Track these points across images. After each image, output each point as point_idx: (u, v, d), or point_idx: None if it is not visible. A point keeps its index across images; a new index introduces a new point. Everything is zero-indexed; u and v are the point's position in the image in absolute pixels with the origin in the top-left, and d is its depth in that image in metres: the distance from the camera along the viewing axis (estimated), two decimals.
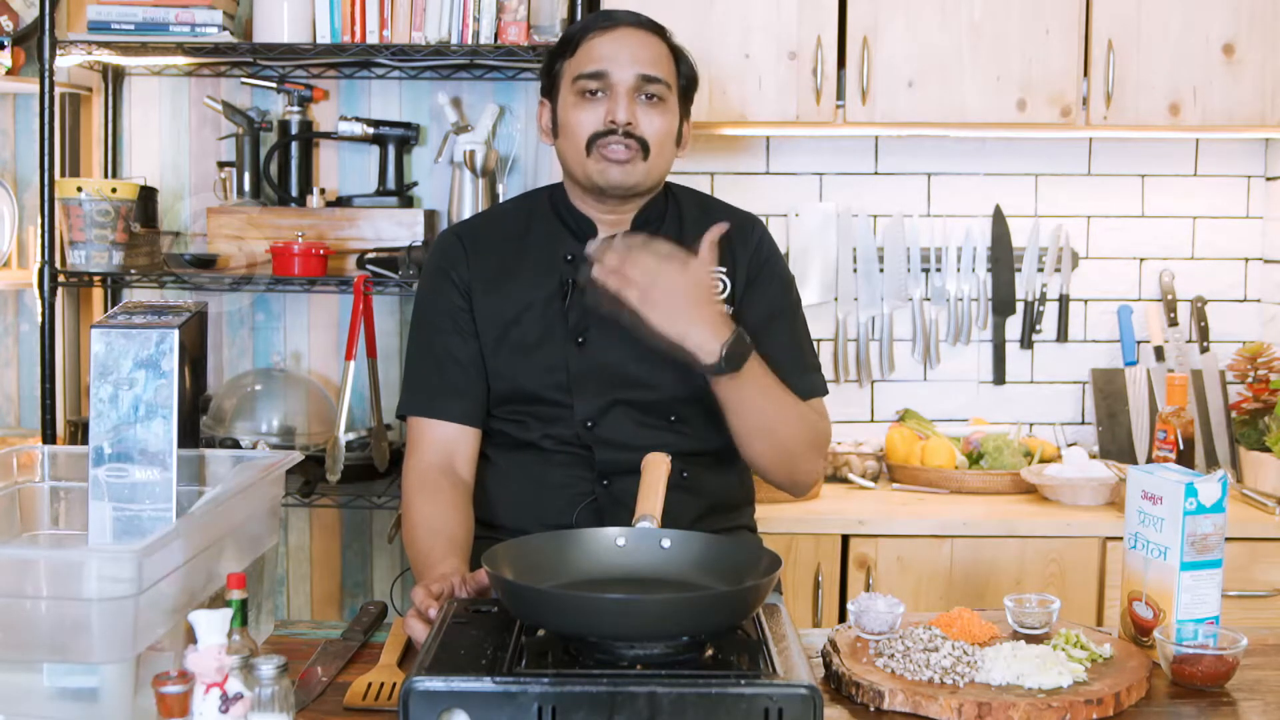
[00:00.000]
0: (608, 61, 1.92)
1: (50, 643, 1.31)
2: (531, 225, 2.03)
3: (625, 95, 1.91)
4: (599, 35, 1.94)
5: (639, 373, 1.94)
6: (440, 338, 2.00)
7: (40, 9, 2.85)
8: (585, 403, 1.94)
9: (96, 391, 1.51)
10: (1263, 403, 3.05)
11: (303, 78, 3.18)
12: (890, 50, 2.90)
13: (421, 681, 1.28)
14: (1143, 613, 1.66)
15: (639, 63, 1.92)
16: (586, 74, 1.92)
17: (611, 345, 1.93)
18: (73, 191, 2.88)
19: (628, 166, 1.92)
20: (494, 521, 1.98)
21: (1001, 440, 3.05)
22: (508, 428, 1.99)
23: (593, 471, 1.94)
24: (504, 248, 2.01)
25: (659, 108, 1.93)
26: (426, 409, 1.98)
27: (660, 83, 1.93)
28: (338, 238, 3.04)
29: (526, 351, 1.96)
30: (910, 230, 3.27)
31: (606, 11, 2.01)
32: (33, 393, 3.20)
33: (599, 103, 1.92)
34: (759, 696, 1.28)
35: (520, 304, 1.97)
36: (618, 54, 1.92)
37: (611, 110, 1.91)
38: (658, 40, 1.96)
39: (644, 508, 1.59)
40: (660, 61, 1.95)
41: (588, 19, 2.00)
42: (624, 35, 1.94)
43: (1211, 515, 1.62)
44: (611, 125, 1.90)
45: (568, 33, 2.00)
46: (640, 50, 1.93)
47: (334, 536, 3.28)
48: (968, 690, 1.45)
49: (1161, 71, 2.90)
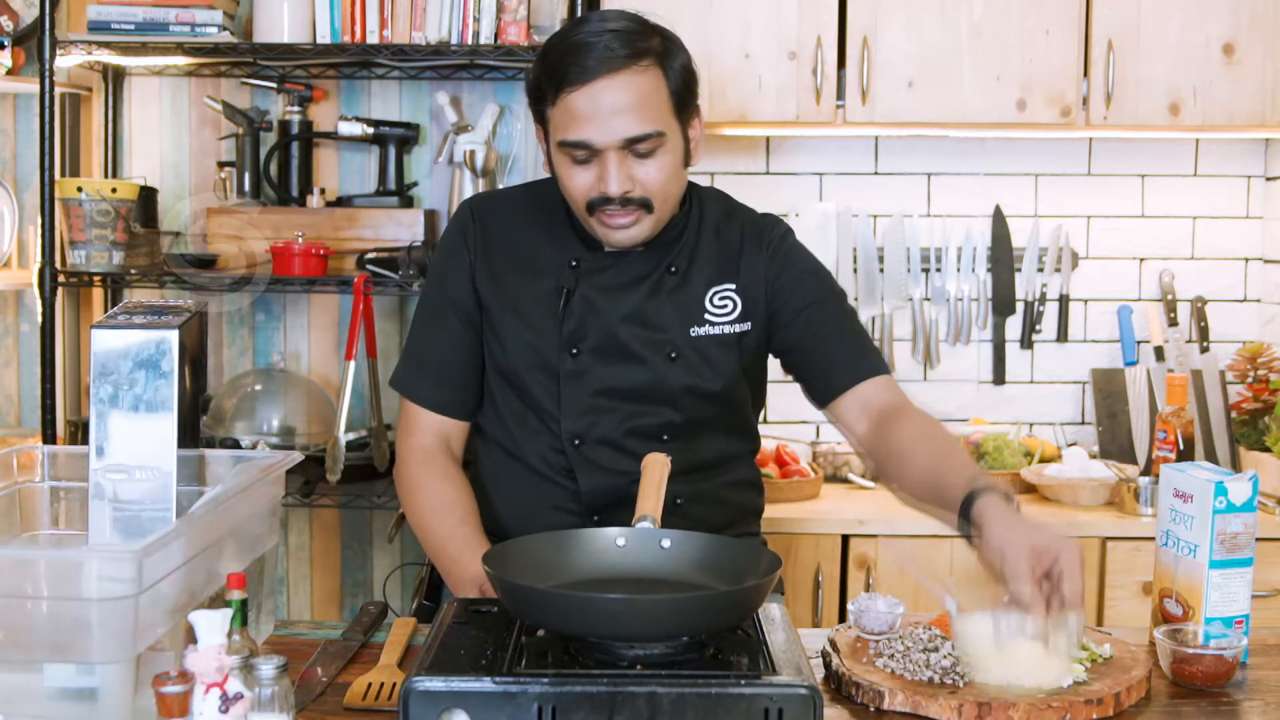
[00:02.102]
0: (587, 128, 1.76)
1: (50, 643, 1.31)
2: (546, 216, 1.97)
3: (615, 161, 1.77)
4: (574, 91, 1.75)
5: (633, 391, 1.89)
6: (438, 319, 1.97)
7: (40, 9, 2.85)
8: (573, 419, 1.89)
9: (96, 391, 1.51)
10: (1263, 403, 3.05)
11: (303, 78, 3.18)
12: (890, 50, 2.90)
13: (421, 681, 1.28)
14: (1173, 610, 1.66)
15: (620, 125, 1.75)
16: (570, 143, 1.78)
17: (606, 362, 1.89)
18: (73, 191, 2.88)
19: (634, 229, 1.83)
20: (493, 529, 1.97)
21: (1001, 440, 3.05)
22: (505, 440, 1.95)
23: (579, 504, 1.90)
24: (517, 233, 1.97)
25: (654, 158, 1.79)
26: (414, 392, 1.97)
27: (649, 137, 1.77)
28: (338, 238, 3.04)
29: (523, 343, 1.91)
30: (910, 230, 3.27)
31: (579, 52, 1.76)
32: (33, 393, 3.20)
33: (589, 167, 1.79)
34: (759, 696, 1.28)
35: (521, 296, 1.93)
36: (597, 117, 1.75)
37: (604, 181, 1.78)
38: (640, 75, 1.76)
39: (644, 508, 1.58)
40: (645, 106, 1.76)
41: (560, 59, 1.78)
42: (600, 91, 1.75)
43: (1242, 514, 1.63)
44: (604, 195, 1.79)
45: (543, 76, 1.80)
46: (620, 104, 1.75)
47: (334, 536, 3.28)
48: (968, 690, 1.45)
49: (1161, 71, 2.90)
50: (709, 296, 1.92)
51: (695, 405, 1.90)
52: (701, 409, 1.91)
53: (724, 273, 1.93)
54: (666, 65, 1.80)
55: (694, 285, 1.92)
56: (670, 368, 1.89)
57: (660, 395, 1.89)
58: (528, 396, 1.92)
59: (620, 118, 1.76)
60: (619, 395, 1.89)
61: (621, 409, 1.89)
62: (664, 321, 1.89)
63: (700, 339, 1.90)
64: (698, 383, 1.89)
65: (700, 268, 1.93)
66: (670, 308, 1.90)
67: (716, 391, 1.91)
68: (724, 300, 1.92)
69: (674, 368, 1.89)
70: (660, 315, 1.90)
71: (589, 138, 1.77)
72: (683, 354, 1.89)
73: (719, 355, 1.91)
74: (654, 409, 1.90)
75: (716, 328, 1.91)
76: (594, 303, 1.89)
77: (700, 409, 1.91)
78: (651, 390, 1.89)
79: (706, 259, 1.93)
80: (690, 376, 1.89)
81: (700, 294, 1.91)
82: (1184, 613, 1.65)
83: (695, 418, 1.91)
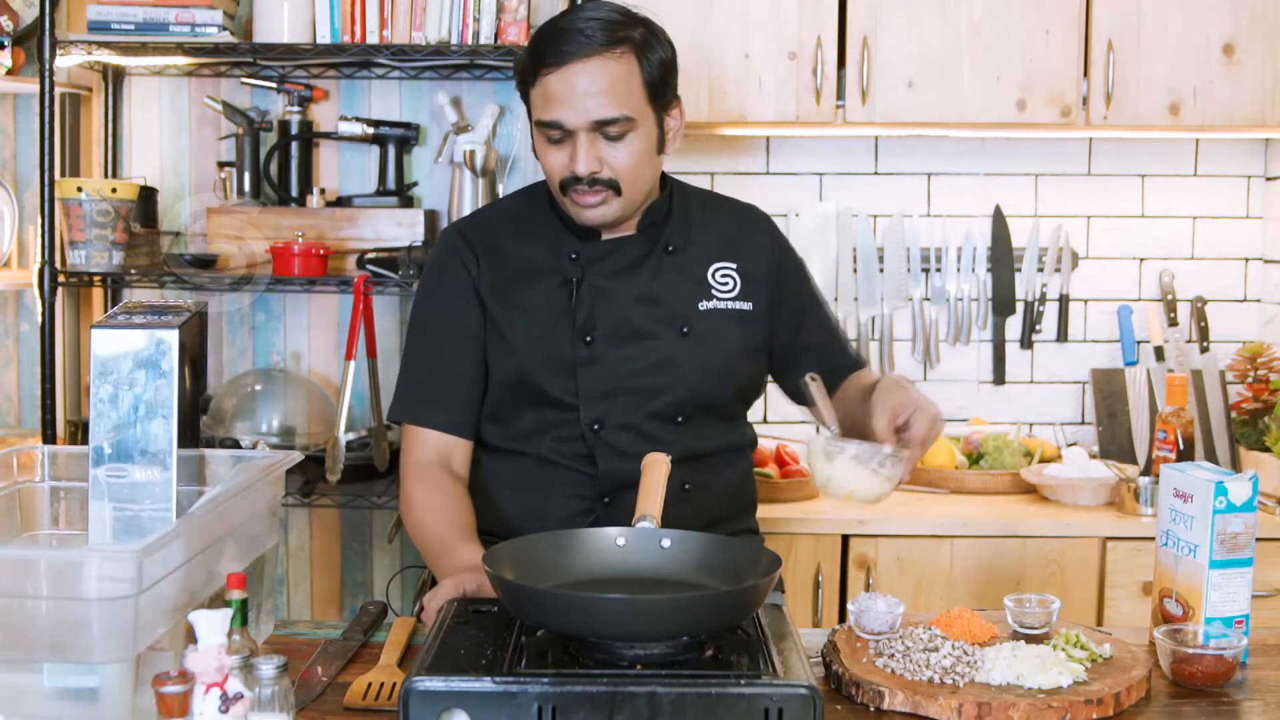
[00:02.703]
0: (561, 108, 1.84)
1: (50, 643, 1.31)
2: (533, 222, 2.02)
3: (585, 142, 1.85)
4: (551, 73, 1.84)
5: (648, 369, 1.94)
6: (438, 343, 1.99)
7: (40, 9, 2.85)
8: (591, 405, 1.93)
9: (96, 391, 1.51)
10: (1263, 403, 3.05)
11: (303, 78, 3.18)
12: (890, 50, 2.90)
13: (421, 681, 1.28)
14: (1173, 610, 1.66)
15: (591, 107, 1.84)
16: (544, 122, 1.87)
17: (620, 342, 1.93)
18: (73, 191, 2.88)
19: (601, 209, 1.90)
20: (494, 531, 1.97)
21: (1001, 440, 3.05)
22: (510, 442, 1.97)
23: (593, 489, 1.93)
24: (508, 243, 2.01)
25: (624, 141, 1.87)
26: (417, 417, 1.98)
27: (617, 121, 1.85)
28: (338, 238, 3.04)
29: (533, 344, 1.95)
30: (910, 230, 3.27)
31: (560, 37, 1.86)
32: (33, 393, 3.20)
33: (563, 147, 1.88)
34: (759, 696, 1.28)
35: (527, 299, 1.97)
36: (569, 98, 1.83)
37: (574, 158, 1.86)
38: (612, 61, 1.84)
39: (644, 508, 1.59)
40: (615, 90, 1.84)
41: (542, 42, 1.88)
42: (574, 74, 1.83)
43: (1242, 514, 1.63)
44: (575, 174, 1.87)
45: (527, 58, 1.90)
46: (592, 87, 1.83)
47: (334, 536, 3.28)
48: (968, 690, 1.45)
49: (1161, 71, 2.90)
50: (710, 273, 2.00)
51: (706, 383, 1.96)
52: (712, 388, 1.97)
53: (722, 252, 2.02)
54: (643, 55, 1.88)
55: (695, 261, 2.00)
56: (682, 343, 1.95)
57: (673, 372, 1.94)
58: (542, 394, 1.94)
59: (591, 99, 1.84)
60: (634, 375, 1.94)
61: (638, 390, 1.94)
62: (672, 298, 1.97)
63: (709, 312, 1.98)
64: (709, 358, 1.96)
65: (699, 244, 2.01)
66: (676, 284, 1.98)
67: (726, 368, 1.98)
68: (725, 278, 2.00)
69: (685, 343, 1.95)
70: (668, 292, 1.97)
71: (561, 118, 1.85)
72: (694, 328, 1.96)
73: (726, 330, 1.98)
74: (668, 387, 1.94)
75: (723, 303, 1.99)
76: (603, 289, 1.95)
77: (711, 388, 1.97)
78: (665, 367, 1.94)
79: (703, 237, 2.02)
80: (701, 352, 1.96)
81: (702, 270, 2.00)
82: (1184, 613, 1.65)
83: (706, 398, 1.96)
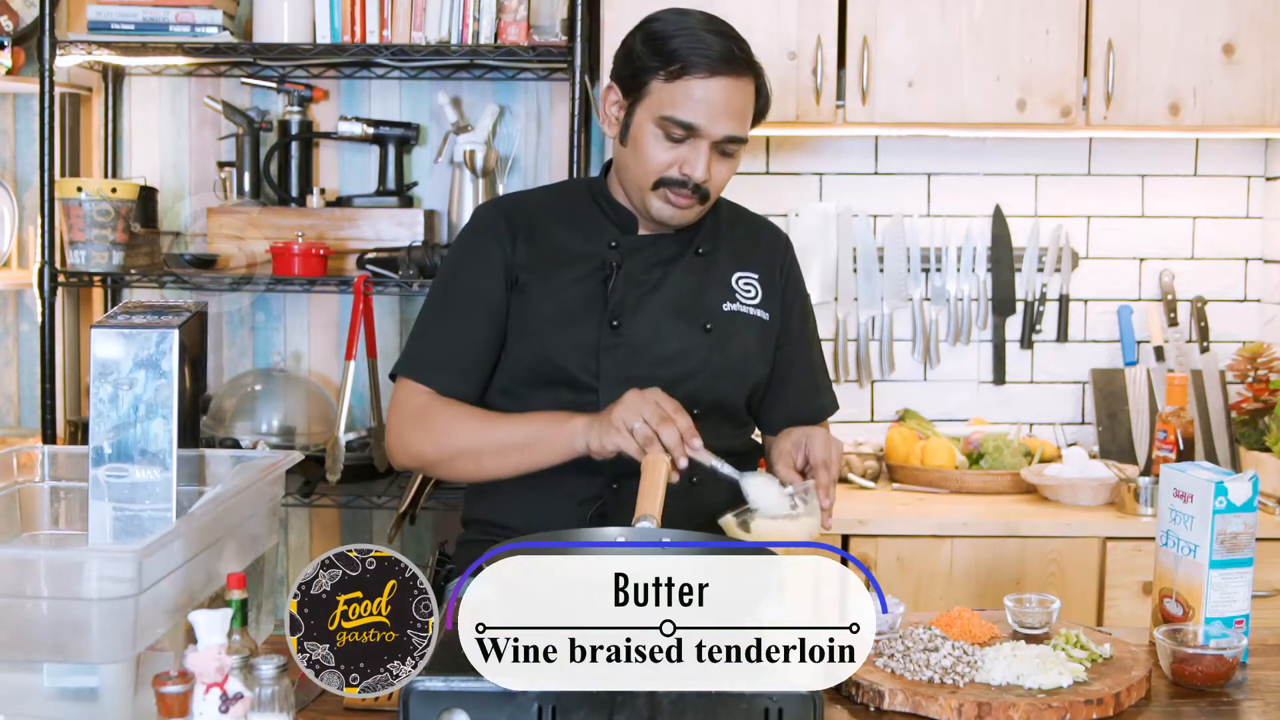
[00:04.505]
0: (701, 116, 1.87)
1: (50, 643, 1.31)
2: (572, 211, 2.05)
3: (708, 152, 1.89)
4: (698, 79, 1.86)
5: (670, 359, 1.96)
6: (456, 312, 1.99)
7: (40, 9, 2.85)
8: (611, 388, 1.92)
9: (96, 391, 1.51)
10: (1263, 403, 3.05)
11: (303, 78, 3.18)
12: (890, 50, 2.90)
13: (421, 681, 1.28)
14: (1173, 610, 1.66)
15: (727, 122, 1.88)
16: (676, 121, 1.88)
17: (646, 330, 1.96)
18: (73, 191, 2.88)
19: (687, 212, 1.95)
20: (501, 522, 1.97)
21: (1001, 440, 3.05)
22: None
23: (602, 475, 1.93)
24: (548, 226, 2.02)
25: (731, 159, 1.94)
26: (420, 376, 1.97)
27: (738, 140, 1.91)
28: (338, 238, 3.04)
29: (560, 325, 1.96)
30: (910, 230, 3.27)
31: (709, 45, 1.88)
32: (33, 393, 3.20)
33: (678, 147, 1.90)
34: (759, 696, 1.28)
35: (560, 280, 1.98)
36: (712, 109, 1.87)
37: (691, 164, 1.89)
38: (747, 84, 1.91)
39: (644, 508, 1.59)
40: (746, 112, 1.92)
41: (693, 42, 1.88)
42: (722, 88, 1.87)
43: (1242, 514, 1.63)
44: (685, 177, 1.90)
45: (671, 45, 1.88)
46: (733, 104, 1.88)
47: (334, 536, 3.28)
48: (968, 690, 1.45)
49: (1161, 71, 2.90)
50: (734, 278, 2.05)
51: (723, 381, 1.99)
52: (728, 387, 2.00)
53: (744, 261, 2.07)
54: (759, 84, 1.96)
55: (721, 266, 2.05)
56: (704, 339, 1.98)
57: (693, 365, 1.97)
58: (563, 375, 1.95)
59: (728, 117, 1.89)
60: (656, 363, 1.96)
61: (657, 378, 1.93)
62: (700, 296, 2.01)
63: (731, 314, 2.02)
64: (728, 357, 1.99)
65: (725, 251, 2.06)
66: (704, 283, 2.02)
67: (743, 369, 2.01)
68: (748, 285, 2.05)
69: (708, 339, 1.99)
70: (696, 290, 2.01)
71: (698, 123, 1.88)
72: (717, 326, 2.00)
73: (745, 333, 2.02)
74: (687, 377, 1.96)
75: (746, 307, 2.04)
76: (637, 279, 1.99)
77: (727, 387, 1.99)
78: (685, 358, 1.97)
79: (728, 245, 2.07)
80: (721, 350, 1.99)
81: (727, 275, 2.04)
82: (1184, 613, 1.65)
83: (721, 396, 1.99)
